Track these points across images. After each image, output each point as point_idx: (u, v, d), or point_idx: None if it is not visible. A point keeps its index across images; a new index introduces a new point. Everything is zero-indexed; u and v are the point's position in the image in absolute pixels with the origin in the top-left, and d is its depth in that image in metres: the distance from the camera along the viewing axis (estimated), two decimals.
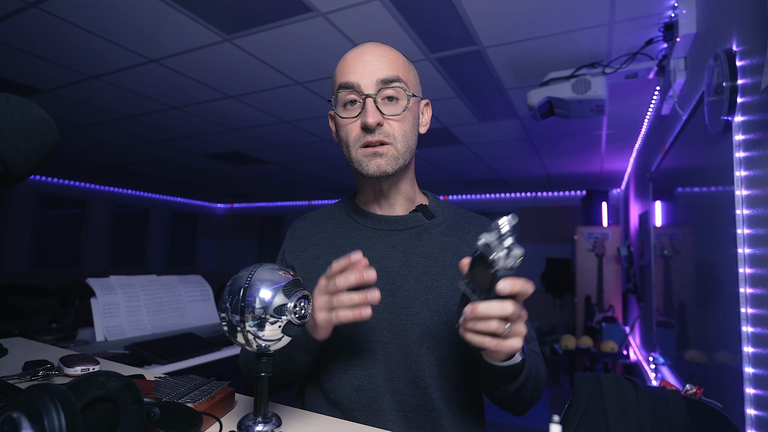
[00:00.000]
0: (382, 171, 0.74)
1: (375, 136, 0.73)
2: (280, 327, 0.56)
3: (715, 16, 1.42)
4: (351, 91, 0.73)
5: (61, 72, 2.66)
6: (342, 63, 0.76)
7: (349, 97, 0.74)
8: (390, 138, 0.74)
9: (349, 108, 0.74)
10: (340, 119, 0.75)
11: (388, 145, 0.74)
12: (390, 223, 0.82)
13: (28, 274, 6.14)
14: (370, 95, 0.72)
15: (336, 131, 0.80)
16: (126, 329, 1.93)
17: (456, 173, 5.56)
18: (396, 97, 0.74)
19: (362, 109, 0.72)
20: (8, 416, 0.40)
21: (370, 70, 0.73)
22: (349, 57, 0.76)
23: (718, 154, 1.31)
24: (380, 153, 0.73)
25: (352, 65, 0.74)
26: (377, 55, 0.74)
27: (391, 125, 0.74)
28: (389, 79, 0.73)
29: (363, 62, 0.74)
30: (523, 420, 3.40)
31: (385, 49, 0.76)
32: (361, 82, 0.72)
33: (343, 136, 0.76)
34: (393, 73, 0.73)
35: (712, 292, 1.43)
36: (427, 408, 0.74)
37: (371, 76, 0.72)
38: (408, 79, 0.76)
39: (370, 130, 0.72)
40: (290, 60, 2.43)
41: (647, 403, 0.78)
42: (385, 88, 0.73)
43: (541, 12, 1.91)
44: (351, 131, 0.74)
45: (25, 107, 0.50)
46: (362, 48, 0.76)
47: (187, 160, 5.07)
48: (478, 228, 0.85)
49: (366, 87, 0.72)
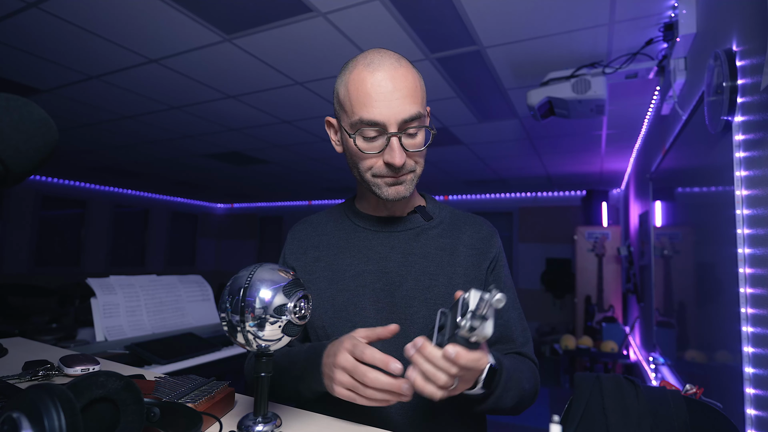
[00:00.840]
0: (401, 196, 0.75)
1: (399, 173, 0.73)
2: (280, 327, 0.56)
3: (715, 16, 1.42)
4: (374, 128, 0.71)
5: (61, 72, 2.66)
6: (360, 89, 0.71)
7: (372, 133, 0.72)
8: (411, 168, 0.75)
9: (369, 141, 0.73)
10: (359, 152, 0.73)
11: (410, 173, 0.75)
12: (389, 224, 0.83)
13: (28, 274, 6.14)
14: (395, 134, 0.71)
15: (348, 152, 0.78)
16: (126, 329, 1.93)
17: (456, 173, 5.56)
18: (417, 131, 0.73)
19: (386, 146, 0.71)
20: (8, 416, 0.40)
21: (394, 105, 0.70)
22: (369, 85, 0.70)
23: (718, 154, 1.31)
24: (401, 181, 0.75)
25: (374, 97, 0.70)
26: (398, 85, 0.70)
27: (413, 158, 0.75)
28: (412, 117, 0.71)
29: (384, 95, 0.70)
30: (523, 420, 3.40)
31: (403, 72, 0.72)
32: (385, 120, 0.70)
33: (359, 164, 0.75)
34: (415, 110, 0.71)
35: (712, 292, 1.43)
36: (427, 407, 0.75)
37: (396, 115, 0.70)
38: (424, 106, 0.75)
39: (396, 168, 0.72)
40: (290, 60, 2.43)
41: (647, 403, 0.78)
42: (409, 127, 0.72)
43: (541, 12, 1.91)
44: (371, 163, 0.74)
45: (25, 107, 0.50)
46: (379, 72, 0.71)
47: (187, 160, 5.07)
48: (475, 228, 0.86)
49: (390, 126, 0.70)
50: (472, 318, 0.53)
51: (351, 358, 0.62)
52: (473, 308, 0.53)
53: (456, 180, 6.02)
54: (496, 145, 4.21)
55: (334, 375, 0.64)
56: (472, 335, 0.54)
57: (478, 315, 0.53)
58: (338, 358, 0.63)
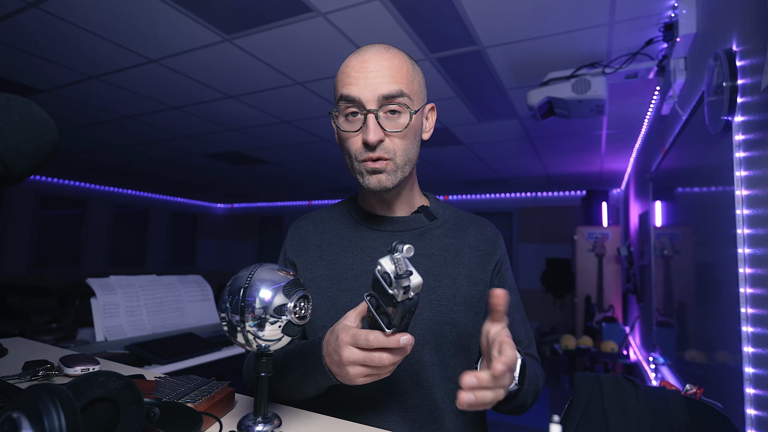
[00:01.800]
0: (382, 186, 0.73)
1: (375, 153, 0.71)
2: (280, 327, 0.56)
3: (715, 16, 1.42)
4: (352, 104, 0.71)
5: (61, 72, 2.66)
6: (344, 71, 0.73)
7: (351, 109, 0.71)
8: (390, 153, 0.72)
9: (350, 120, 0.72)
10: (341, 131, 0.74)
11: (388, 161, 0.73)
12: (392, 224, 0.82)
13: (28, 274, 6.14)
14: (371, 111, 0.70)
15: (338, 140, 0.78)
16: (126, 329, 1.93)
17: (456, 173, 5.56)
18: (398, 111, 0.72)
19: (363, 124, 0.70)
20: (8, 416, 0.40)
21: (373, 83, 0.69)
22: (351, 65, 0.72)
23: (718, 154, 1.31)
24: (380, 169, 0.72)
25: (354, 76, 0.70)
26: (381, 65, 0.70)
27: (393, 141, 0.72)
28: (392, 94, 0.70)
29: (365, 73, 0.70)
30: (523, 420, 3.40)
31: (389, 56, 0.72)
32: (363, 96, 0.69)
33: (345, 147, 0.75)
34: (396, 87, 0.70)
35: (712, 292, 1.43)
36: (429, 408, 0.75)
37: (374, 91, 0.69)
38: (412, 90, 0.73)
39: (371, 146, 0.71)
40: (290, 60, 2.43)
41: (647, 403, 0.78)
42: (388, 104, 0.70)
43: (541, 12, 1.91)
44: (353, 144, 0.73)
45: (25, 107, 0.50)
46: (365, 55, 0.72)
47: (187, 160, 5.07)
48: (479, 229, 0.85)
49: (368, 102, 0.69)
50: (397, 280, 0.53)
51: (356, 351, 0.60)
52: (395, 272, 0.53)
53: (456, 180, 6.02)
54: (496, 145, 4.21)
55: (348, 372, 0.61)
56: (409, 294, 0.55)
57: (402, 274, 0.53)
58: (344, 356, 0.60)
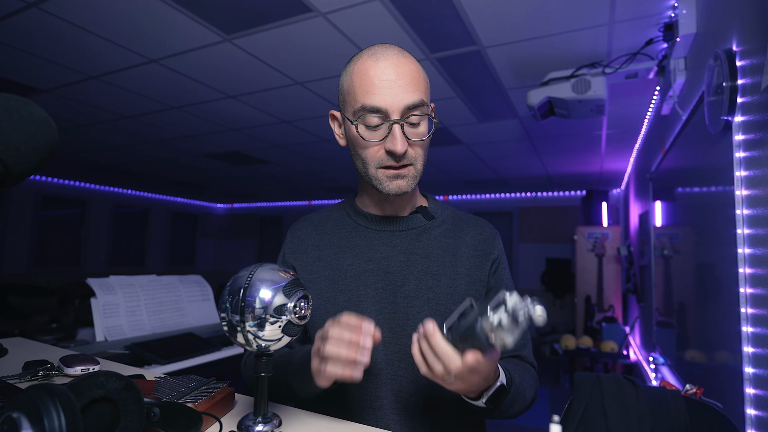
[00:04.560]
0: (402, 191, 0.75)
1: (401, 161, 0.73)
2: (280, 327, 0.56)
3: (715, 16, 1.42)
4: (377, 115, 0.71)
5: (61, 72, 2.66)
6: (364, 78, 0.71)
7: (374, 120, 0.71)
8: (412, 160, 0.74)
9: (372, 128, 0.72)
10: (361, 139, 0.73)
11: (410, 167, 0.74)
12: (390, 224, 0.82)
13: (28, 274, 6.14)
14: (397, 121, 0.70)
15: (351, 143, 0.77)
16: (126, 329, 1.93)
17: (456, 173, 5.56)
18: (420, 120, 0.73)
19: (388, 134, 0.71)
20: (8, 416, 0.40)
21: (397, 92, 0.70)
22: (372, 73, 0.71)
23: (718, 154, 1.31)
24: (402, 175, 0.74)
25: (377, 84, 0.70)
26: (401, 74, 0.71)
27: (415, 149, 0.74)
28: (415, 104, 0.71)
29: (388, 83, 0.70)
30: (523, 420, 3.40)
31: (407, 62, 0.73)
32: (388, 106, 0.70)
33: (361, 155, 0.75)
34: (418, 97, 0.71)
35: (712, 292, 1.43)
36: (428, 407, 0.75)
37: (399, 102, 0.70)
38: (427, 97, 0.75)
39: (397, 156, 0.72)
40: (290, 60, 2.43)
41: (647, 403, 0.78)
42: (411, 114, 0.71)
43: (541, 12, 1.91)
44: (373, 152, 0.73)
45: (25, 107, 0.50)
46: (383, 61, 0.72)
47: (187, 160, 5.07)
48: (477, 230, 0.85)
49: (393, 112, 0.70)
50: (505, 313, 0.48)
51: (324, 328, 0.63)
52: (510, 306, 0.49)
53: (456, 180, 6.02)
54: (496, 145, 4.21)
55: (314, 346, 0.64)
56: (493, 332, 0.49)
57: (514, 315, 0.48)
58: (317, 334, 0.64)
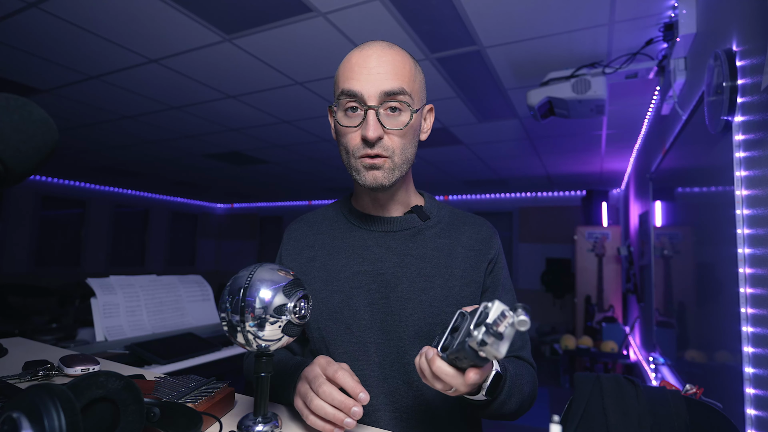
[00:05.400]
0: (378, 183, 0.73)
1: (374, 149, 0.71)
2: (280, 327, 0.56)
3: (715, 16, 1.42)
4: (353, 99, 0.70)
5: (61, 72, 2.66)
6: (346, 65, 0.72)
7: (351, 104, 0.71)
8: (388, 151, 0.72)
9: (350, 115, 0.71)
10: (340, 126, 0.73)
11: (386, 158, 0.72)
12: (384, 224, 0.81)
13: (28, 274, 6.14)
14: (372, 107, 0.69)
15: (335, 134, 0.78)
16: (126, 329, 1.93)
17: (456, 173, 5.56)
18: (399, 109, 0.71)
19: (363, 120, 0.70)
20: (8, 416, 0.40)
21: (375, 79, 0.69)
22: (354, 60, 0.71)
23: (718, 154, 1.31)
24: (377, 165, 0.72)
25: (356, 71, 0.70)
26: (383, 62, 0.70)
27: (391, 139, 0.71)
28: (394, 91, 0.69)
29: (368, 69, 0.70)
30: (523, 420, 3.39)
31: (392, 53, 0.72)
32: (364, 91, 0.69)
33: (342, 143, 0.74)
34: (398, 84, 0.70)
35: (712, 292, 1.43)
36: (421, 408, 0.75)
37: (375, 87, 0.69)
38: (413, 89, 0.73)
39: (370, 143, 0.70)
40: (290, 60, 2.43)
41: (647, 403, 0.78)
42: (389, 101, 0.70)
43: (541, 12, 1.91)
44: (351, 140, 0.72)
45: (25, 107, 0.49)
46: (368, 50, 0.72)
47: (187, 160, 5.07)
48: (474, 229, 0.84)
49: (369, 98, 0.69)
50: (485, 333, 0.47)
51: (317, 370, 0.62)
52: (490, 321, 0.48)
53: (456, 180, 6.02)
54: (496, 145, 4.20)
55: (297, 384, 0.65)
56: (481, 350, 0.49)
57: (494, 331, 0.47)
58: (305, 370, 0.64)
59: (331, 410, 0.59)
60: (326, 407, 0.59)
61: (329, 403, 0.59)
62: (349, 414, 0.58)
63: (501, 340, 0.48)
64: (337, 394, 0.59)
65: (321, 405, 0.59)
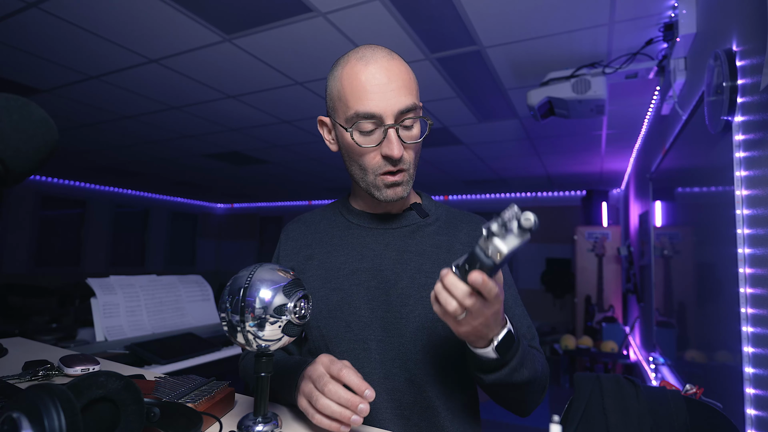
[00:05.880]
0: (399, 197, 0.75)
1: (397, 166, 0.73)
2: (280, 327, 0.56)
3: (715, 16, 1.42)
4: (371, 121, 0.71)
5: (61, 72, 2.66)
6: (354, 83, 0.71)
7: (368, 126, 0.71)
8: (406, 165, 0.74)
9: (366, 134, 0.72)
10: (356, 146, 0.73)
11: (405, 172, 0.74)
12: (383, 221, 0.82)
13: (28, 274, 6.14)
14: (392, 125, 0.70)
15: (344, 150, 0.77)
16: (126, 329, 1.93)
17: (456, 173, 5.56)
18: (413, 123, 0.73)
19: (383, 139, 0.71)
20: (8, 416, 0.40)
21: (390, 97, 0.70)
22: (363, 78, 0.70)
23: (718, 154, 1.31)
24: (398, 182, 0.74)
25: (369, 90, 0.70)
26: (392, 77, 0.71)
27: (409, 153, 0.74)
28: (408, 108, 0.71)
29: (380, 87, 0.70)
30: (523, 420, 3.40)
31: (396, 65, 0.72)
32: (382, 113, 0.70)
33: (358, 161, 0.75)
34: (411, 101, 0.71)
35: (712, 292, 1.43)
36: (423, 406, 0.75)
37: (391, 106, 0.70)
38: (418, 98, 0.75)
39: (394, 161, 0.72)
40: (290, 60, 2.43)
41: (647, 403, 0.78)
42: (405, 118, 0.72)
43: (541, 12, 1.91)
44: (370, 159, 0.73)
45: (25, 107, 0.50)
46: (372, 65, 0.71)
47: (187, 160, 5.07)
48: (471, 226, 0.85)
49: (387, 117, 0.70)
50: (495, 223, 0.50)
51: (321, 369, 0.62)
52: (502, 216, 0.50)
53: (456, 180, 6.02)
54: (496, 145, 4.20)
55: (300, 384, 0.64)
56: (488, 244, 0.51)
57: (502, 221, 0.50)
58: (308, 369, 0.64)
59: (338, 408, 0.59)
60: (333, 406, 0.59)
61: (335, 401, 0.59)
62: (356, 411, 0.58)
63: (507, 235, 0.50)
64: (343, 392, 0.59)
65: (327, 404, 0.59)
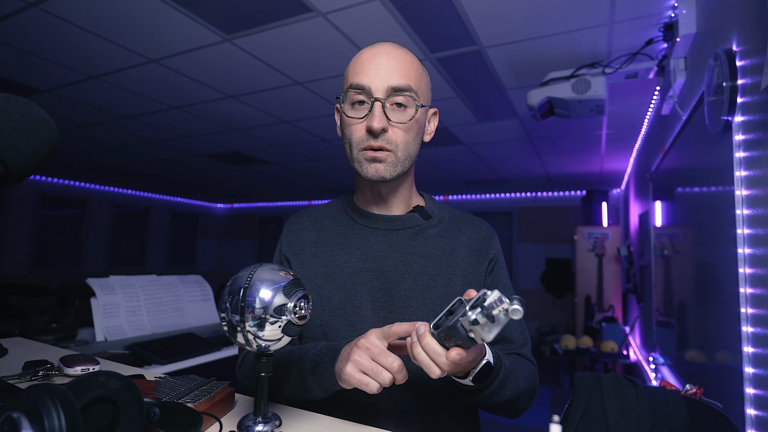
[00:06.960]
0: (380, 176, 0.74)
1: (378, 141, 0.73)
2: (280, 327, 0.56)
3: (715, 16, 1.42)
4: (361, 92, 0.73)
5: (61, 72, 2.66)
6: (356, 61, 0.76)
7: (358, 97, 0.73)
8: (392, 145, 0.74)
9: (357, 108, 0.74)
10: (346, 117, 0.75)
11: (389, 152, 0.74)
12: (387, 222, 0.82)
13: (28, 274, 6.14)
14: (379, 99, 0.72)
15: (341, 128, 0.79)
16: (126, 329, 1.93)
17: (456, 173, 5.56)
18: (405, 105, 0.74)
19: (369, 112, 0.72)
20: (8, 416, 0.40)
21: (383, 74, 0.72)
22: (364, 56, 0.75)
23: (718, 154, 1.31)
24: (380, 158, 0.74)
25: (366, 66, 0.73)
26: (392, 59, 0.74)
27: (396, 132, 0.74)
28: (400, 87, 0.72)
29: (376, 64, 0.73)
30: (523, 420, 3.40)
31: (401, 53, 0.75)
32: (372, 85, 0.72)
33: (347, 135, 0.76)
34: (405, 81, 0.73)
35: (712, 292, 1.43)
36: (423, 408, 0.75)
37: (383, 81, 0.72)
38: (419, 88, 0.76)
39: (375, 134, 0.72)
40: (290, 60, 2.43)
41: (647, 403, 0.78)
42: (395, 95, 0.73)
43: (541, 12, 1.91)
44: (356, 131, 0.74)
45: (25, 107, 0.49)
46: (378, 48, 0.75)
47: (187, 160, 5.07)
48: (474, 229, 0.85)
49: (376, 91, 0.72)
50: (479, 313, 0.50)
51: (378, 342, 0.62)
52: (487, 304, 0.50)
53: (456, 180, 6.02)
54: (496, 145, 4.21)
55: (352, 355, 0.62)
56: (471, 330, 0.51)
57: (488, 313, 0.50)
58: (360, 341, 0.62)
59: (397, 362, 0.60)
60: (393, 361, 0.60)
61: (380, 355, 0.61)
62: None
63: (492, 323, 0.50)
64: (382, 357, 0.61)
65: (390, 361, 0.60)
